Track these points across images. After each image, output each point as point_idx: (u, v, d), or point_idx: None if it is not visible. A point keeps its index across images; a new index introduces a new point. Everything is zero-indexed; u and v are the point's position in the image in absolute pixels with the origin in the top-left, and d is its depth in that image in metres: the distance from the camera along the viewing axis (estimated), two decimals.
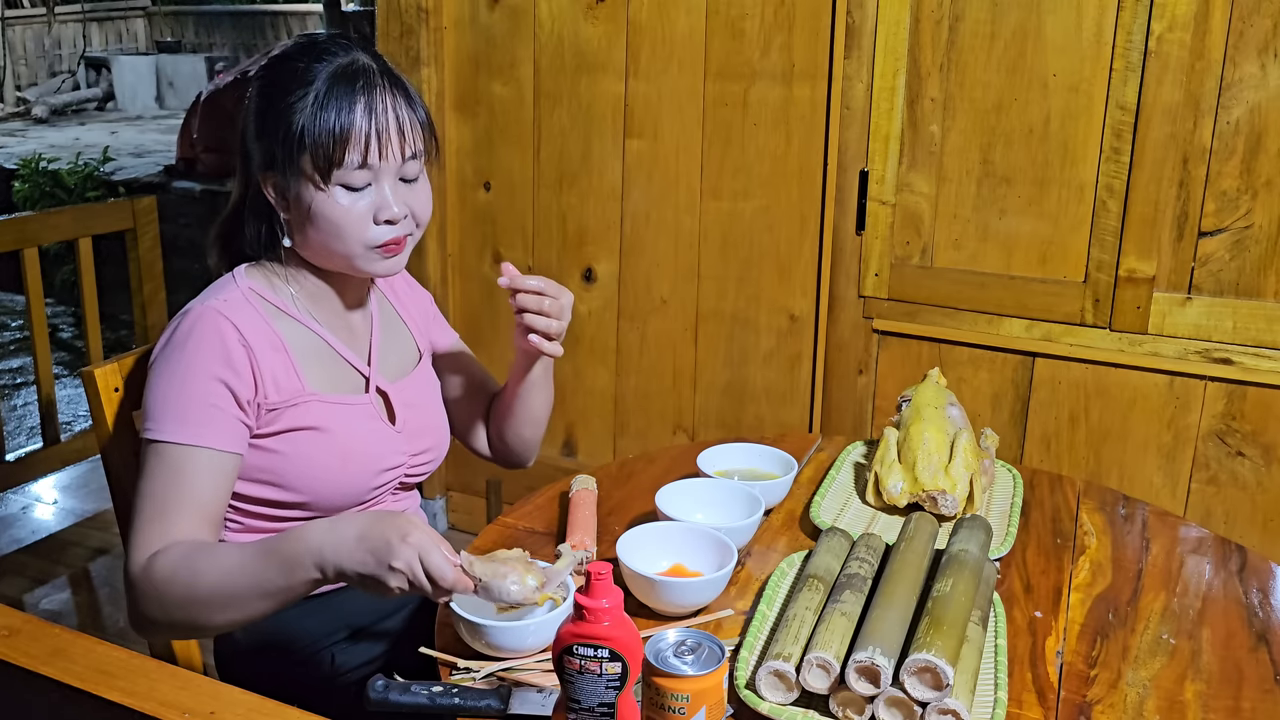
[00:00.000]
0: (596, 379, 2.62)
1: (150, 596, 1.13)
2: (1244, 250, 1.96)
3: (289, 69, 1.23)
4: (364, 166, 1.22)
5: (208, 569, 1.12)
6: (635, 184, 2.47)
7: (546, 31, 2.50)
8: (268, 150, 1.24)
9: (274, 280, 1.31)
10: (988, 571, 1.15)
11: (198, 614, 1.13)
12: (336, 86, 1.21)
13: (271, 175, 1.25)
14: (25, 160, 6.42)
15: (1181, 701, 1.05)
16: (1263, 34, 1.88)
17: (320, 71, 1.22)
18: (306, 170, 1.21)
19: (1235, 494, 2.05)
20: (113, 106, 11.22)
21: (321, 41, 1.26)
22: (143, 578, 1.14)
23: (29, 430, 4.07)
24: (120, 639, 2.32)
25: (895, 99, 2.16)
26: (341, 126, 1.20)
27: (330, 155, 1.20)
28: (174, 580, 1.12)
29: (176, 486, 1.16)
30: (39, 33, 12.03)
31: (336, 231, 1.24)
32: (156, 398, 1.20)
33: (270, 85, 1.24)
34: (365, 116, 1.21)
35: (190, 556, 1.13)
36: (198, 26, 12.82)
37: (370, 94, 1.22)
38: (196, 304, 1.25)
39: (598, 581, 0.89)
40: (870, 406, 2.33)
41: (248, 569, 1.10)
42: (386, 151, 1.23)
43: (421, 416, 1.40)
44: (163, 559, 1.13)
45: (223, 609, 1.12)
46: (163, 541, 1.14)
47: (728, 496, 1.35)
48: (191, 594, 1.12)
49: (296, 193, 1.23)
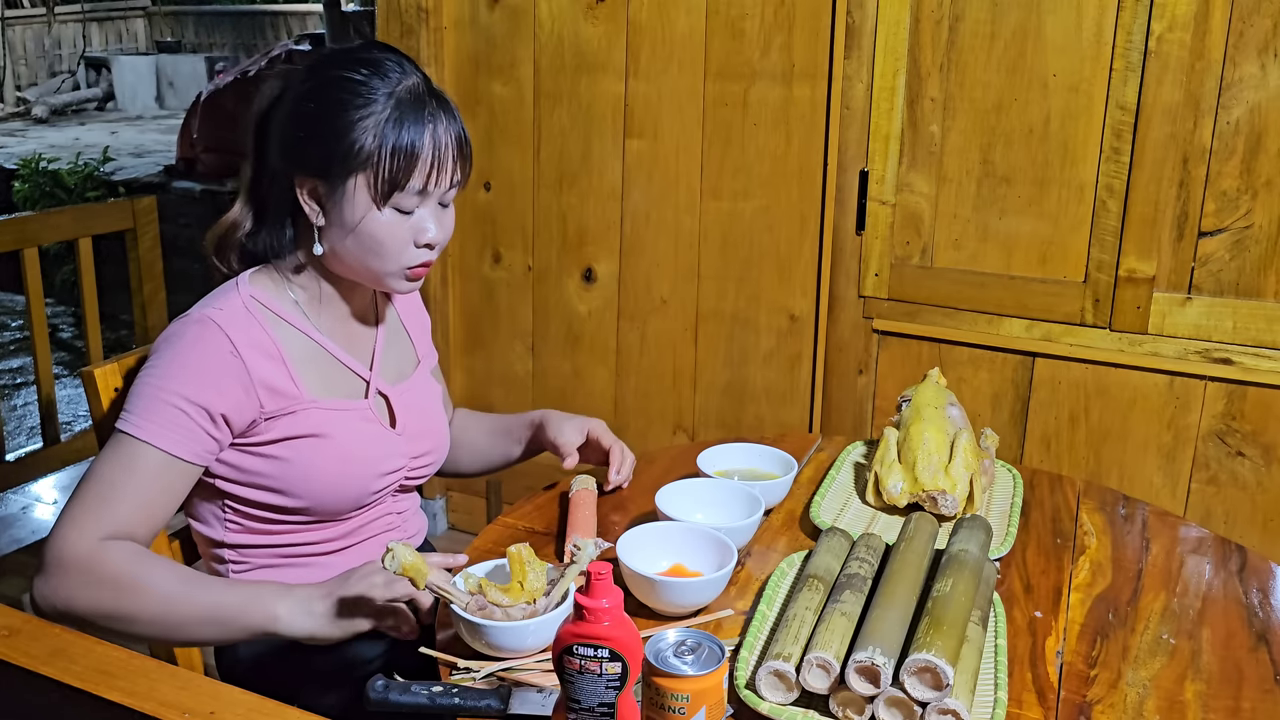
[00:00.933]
0: (596, 379, 2.62)
1: (85, 580, 1.13)
2: (1244, 250, 1.96)
3: (348, 82, 1.22)
4: (421, 191, 1.23)
5: (166, 570, 1.16)
6: (635, 184, 2.47)
7: (546, 31, 2.50)
8: (316, 159, 1.22)
9: (279, 284, 1.30)
10: (988, 571, 1.15)
11: (129, 604, 1.14)
12: (405, 110, 1.21)
13: (313, 182, 1.24)
14: (25, 160, 6.41)
15: (1181, 701, 1.05)
16: (1263, 34, 1.88)
17: (382, 90, 1.21)
18: (363, 187, 1.21)
19: (1235, 494, 2.05)
20: (113, 106, 11.22)
21: (378, 56, 1.24)
22: (83, 560, 1.13)
23: (29, 430, 4.07)
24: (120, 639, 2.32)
25: (895, 99, 2.16)
26: (409, 152, 1.20)
27: (395, 178, 1.20)
28: (125, 563, 1.13)
29: (126, 478, 1.17)
30: (39, 33, 12.03)
31: (378, 250, 1.24)
32: (134, 391, 1.21)
33: (325, 94, 1.22)
34: (430, 143, 1.22)
35: (149, 556, 1.17)
36: (198, 26, 12.82)
37: (435, 121, 1.22)
38: (195, 310, 1.25)
39: (598, 581, 0.89)
40: (870, 406, 2.33)
41: (205, 587, 1.17)
42: (442, 178, 1.24)
43: (422, 419, 1.40)
44: (117, 549, 1.14)
45: (157, 612, 1.15)
46: (101, 528, 1.15)
47: (728, 496, 1.35)
48: (135, 582, 1.13)
49: (342, 205, 1.22)
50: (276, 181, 1.27)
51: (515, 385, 2.72)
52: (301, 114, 1.24)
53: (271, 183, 1.28)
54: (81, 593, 1.14)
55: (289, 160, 1.25)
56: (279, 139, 1.26)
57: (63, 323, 5.50)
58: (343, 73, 1.23)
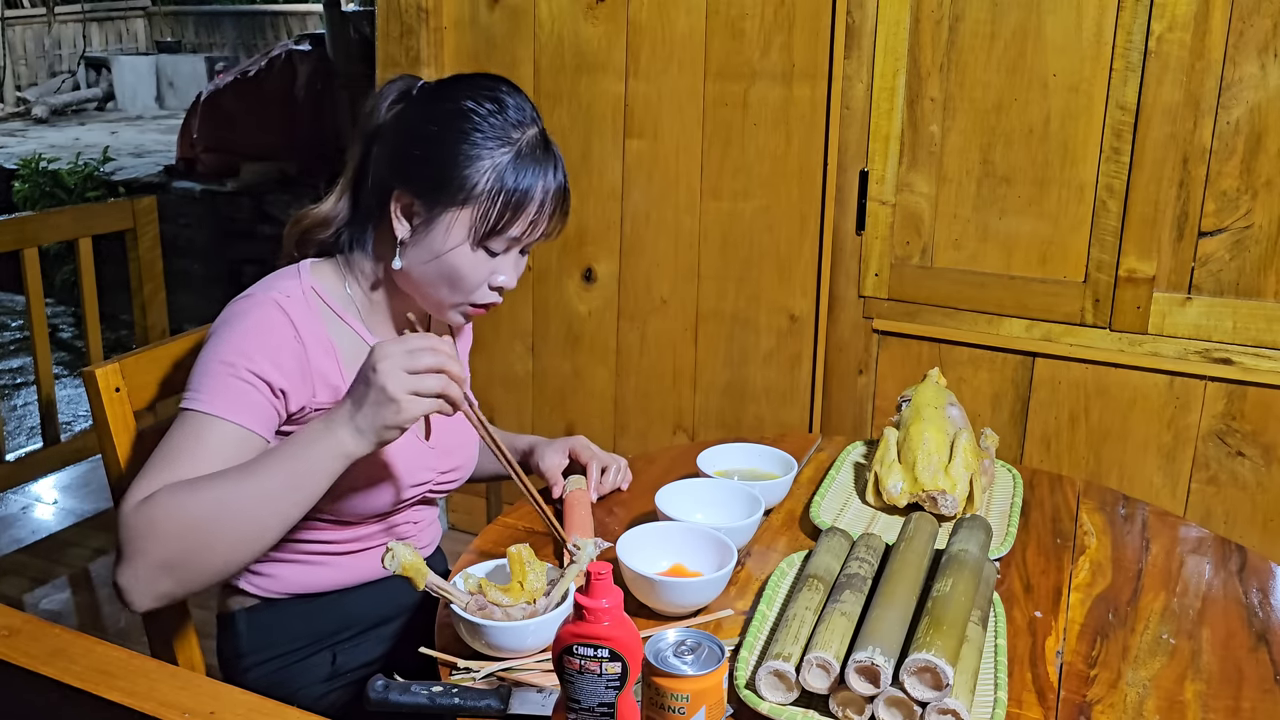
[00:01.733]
0: (596, 379, 2.62)
1: (146, 532, 1.06)
2: (1244, 250, 1.96)
3: (474, 115, 1.21)
4: (515, 239, 1.23)
5: (209, 484, 1.08)
6: (635, 184, 2.47)
7: (546, 31, 2.50)
8: (424, 180, 1.22)
9: (340, 280, 1.30)
10: (988, 571, 1.15)
11: (200, 539, 1.06)
12: (523, 159, 1.21)
13: (412, 200, 1.23)
14: (25, 160, 6.42)
15: (1181, 701, 1.05)
16: (1263, 34, 1.88)
17: (507, 133, 1.21)
18: (462, 222, 1.21)
19: (1235, 494, 2.05)
20: (113, 106, 11.23)
21: (505, 95, 1.24)
22: (136, 512, 1.07)
23: (29, 430, 4.07)
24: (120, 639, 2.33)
25: (895, 99, 2.16)
26: (518, 201, 1.21)
27: (497, 223, 1.21)
28: (174, 501, 1.06)
29: (194, 449, 1.12)
30: (39, 33, 12.03)
31: (455, 283, 1.24)
32: (197, 370, 1.18)
33: (450, 121, 1.22)
34: (539, 197, 1.22)
35: (190, 482, 1.08)
36: (198, 26, 12.82)
37: (546, 174, 1.23)
38: (258, 290, 1.23)
39: (598, 581, 0.89)
40: (870, 406, 2.33)
41: (253, 468, 1.09)
42: (539, 230, 1.24)
43: (454, 435, 1.41)
44: (162, 491, 1.07)
45: (230, 525, 1.07)
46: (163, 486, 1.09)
47: (728, 496, 1.35)
48: (193, 512, 1.06)
49: (434, 231, 1.22)
50: (375, 186, 1.26)
51: (515, 385, 2.72)
52: (421, 133, 1.23)
53: (371, 188, 1.27)
54: (149, 546, 1.05)
55: (394, 171, 1.24)
56: (391, 147, 1.25)
57: (63, 323, 5.51)
58: (471, 104, 1.22)
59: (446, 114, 1.22)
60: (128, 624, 2.56)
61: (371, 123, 1.28)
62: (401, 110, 1.27)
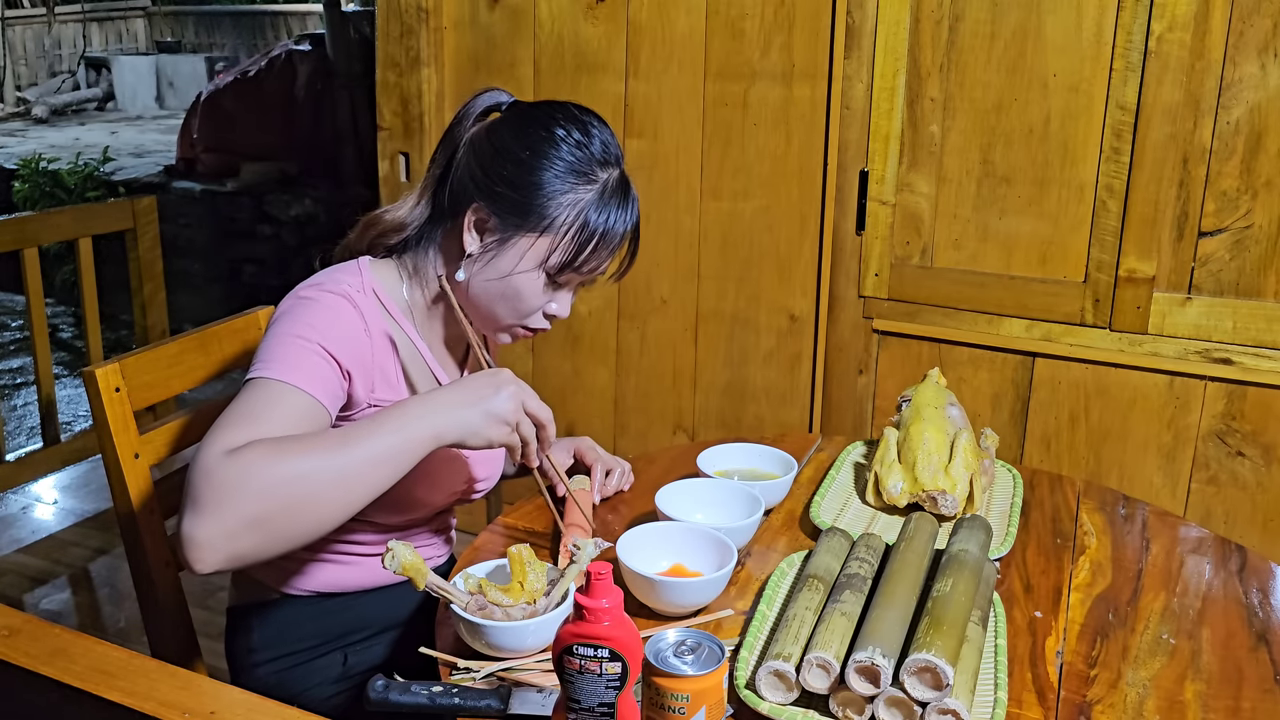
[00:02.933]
0: (596, 379, 2.62)
1: (240, 483, 0.99)
2: (1244, 250, 1.96)
3: (567, 145, 1.22)
4: (582, 273, 1.25)
5: (307, 444, 1.04)
6: (635, 184, 2.47)
7: (546, 31, 2.50)
8: (505, 200, 1.22)
9: (399, 281, 1.30)
10: (988, 571, 1.15)
11: (295, 500, 1.01)
12: (607, 200, 1.23)
13: (487, 215, 1.23)
14: (25, 160, 6.41)
15: (1181, 701, 1.05)
16: (1263, 34, 1.88)
17: (596, 170, 1.23)
18: (537, 249, 1.22)
19: (1235, 494, 2.05)
20: (113, 106, 11.22)
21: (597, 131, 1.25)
22: (225, 463, 1.00)
23: (29, 430, 4.07)
24: (120, 639, 2.33)
25: (895, 99, 2.16)
26: (595, 241, 1.22)
27: (572, 260, 1.22)
28: (271, 458, 1.01)
29: (268, 413, 1.09)
30: (39, 33, 12.04)
31: (513, 305, 1.25)
32: (269, 345, 1.15)
33: (543, 147, 1.22)
34: (615, 240, 1.25)
35: (282, 440, 1.04)
36: (198, 26, 12.82)
37: (624, 216, 1.26)
38: (326, 282, 1.23)
39: (598, 581, 0.89)
40: (870, 406, 2.33)
41: (359, 433, 1.06)
42: (606, 267, 1.27)
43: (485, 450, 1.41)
44: (253, 446, 1.02)
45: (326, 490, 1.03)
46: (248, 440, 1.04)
47: (728, 496, 1.35)
48: (294, 472, 1.01)
49: (505, 251, 1.22)
50: (454, 195, 1.26)
51: None
52: (509, 154, 1.23)
53: (449, 196, 1.27)
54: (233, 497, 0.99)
55: (477, 184, 1.24)
56: (479, 161, 1.25)
57: (63, 323, 5.51)
58: (565, 133, 1.23)
59: (537, 139, 1.22)
60: (128, 624, 2.57)
61: (460, 131, 1.28)
62: (492, 124, 1.27)
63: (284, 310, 1.20)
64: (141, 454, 1.37)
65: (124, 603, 2.66)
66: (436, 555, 1.46)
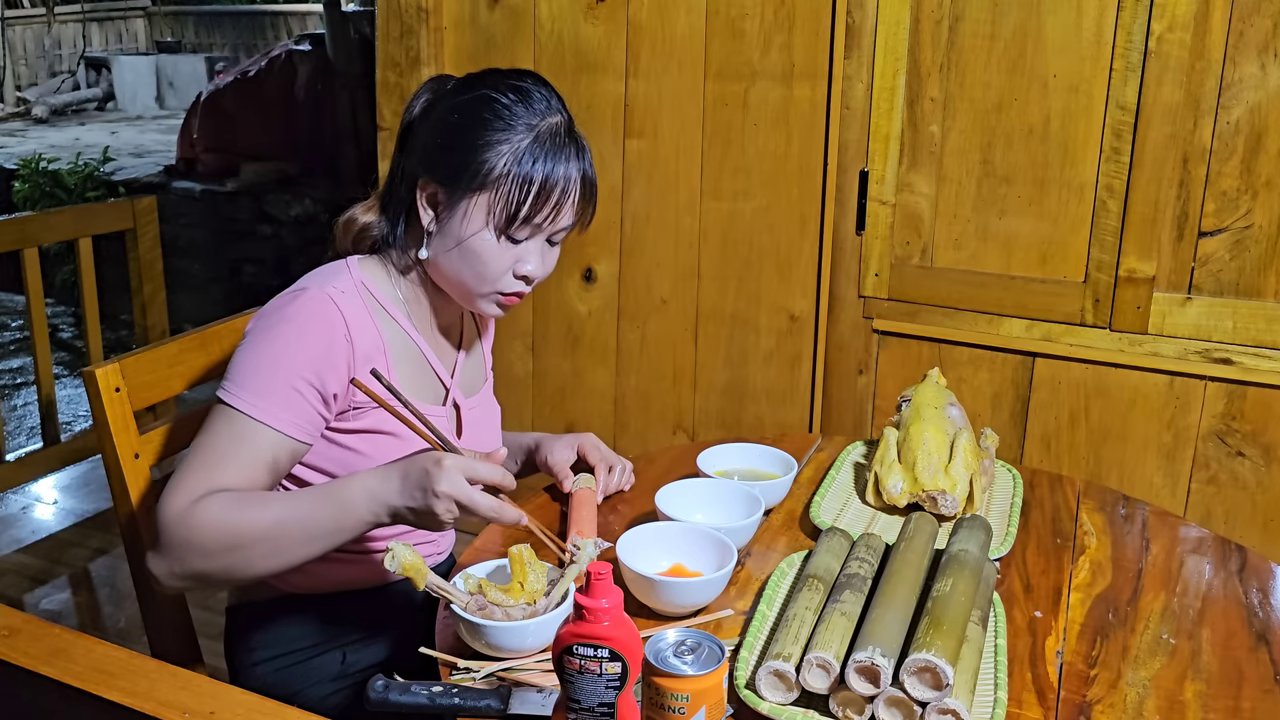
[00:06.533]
0: (596, 379, 2.62)
1: (188, 542, 1.12)
2: (1244, 250, 1.96)
3: (494, 103, 1.23)
4: (535, 225, 1.24)
5: (256, 513, 1.13)
6: (635, 184, 2.47)
7: (546, 31, 2.50)
8: (445, 167, 1.24)
9: (386, 276, 1.31)
10: (988, 571, 1.15)
11: (238, 559, 1.13)
12: (542, 145, 1.22)
13: (435, 188, 1.25)
14: (25, 160, 6.41)
15: (1181, 701, 1.05)
16: (1263, 34, 1.88)
17: (525, 120, 1.23)
18: (481, 207, 1.22)
19: (1235, 494, 2.05)
20: (113, 106, 11.22)
21: (530, 87, 1.26)
22: (181, 521, 1.12)
23: (29, 430, 4.07)
24: (120, 639, 2.33)
25: (895, 99, 2.16)
26: (535, 187, 1.21)
27: (515, 208, 1.21)
28: (220, 522, 1.11)
29: (235, 451, 1.16)
30: (39, 33, 12.04)
31: (478, 271, 1.25)
32: (246, 364, 1.19)
33: (470, 108, 1.24)
34: (558, 184, 1.23)
35: (237, 501, 1.13)
36: (198, 26, 12.82)
37: (567, 162, 1.24)
38: (311, 284, 1.24)
39: (598, 581, 0.89)
40: (870, 406, 2.33)
41: (299, 512, 1.13)
42: (560, 219, 1.25)
43: (484, 435, 1.42)
44: (207, 503, 1.12)
45: (267, 555, 1.13)
46: (207, 491, 1.14)
47: (728, 496, 1.35)
48: (237, 537, 1.12)
49: (456, 218, 1.23)
50: (405, 179, 1.29)
51: (515, 385, 2.72)
52: (444, 122, 1.26)
53: (401, 180, 1.30)
54: (189, 554, 1.12)
55: (420, 162, 1.27)
56: (419, 139, 1.28)
57: (63, 323, 5.50)
58: (492, 93, 1.24)
59: (470, 103, 1.25)
60: (128, 624, 2.56)
61: (404, 120, 1.31)
62: (429, 103, 1.30)
63: (267, 321, 1.21)
64: (141, 454, 1.37)
65: (124, 603, 2.66)
66: (436, 555, 1.46)
